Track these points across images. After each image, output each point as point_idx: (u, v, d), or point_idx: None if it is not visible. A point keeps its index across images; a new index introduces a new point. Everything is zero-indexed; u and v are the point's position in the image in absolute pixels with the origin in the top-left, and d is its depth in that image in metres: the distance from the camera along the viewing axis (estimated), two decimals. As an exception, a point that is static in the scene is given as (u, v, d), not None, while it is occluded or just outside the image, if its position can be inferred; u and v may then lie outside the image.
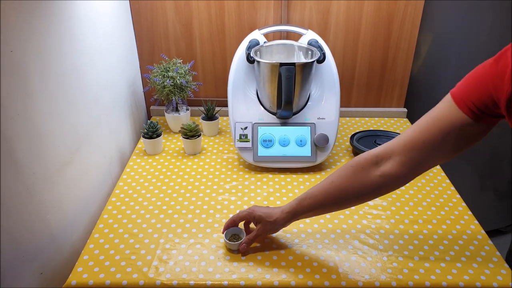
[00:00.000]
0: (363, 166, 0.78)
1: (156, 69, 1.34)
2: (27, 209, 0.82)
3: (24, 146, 0.79)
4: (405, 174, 0.76)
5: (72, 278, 0.86)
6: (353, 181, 0.79)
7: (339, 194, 0.81)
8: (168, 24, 1.41)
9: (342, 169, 0.82)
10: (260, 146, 1.21)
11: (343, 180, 0.81)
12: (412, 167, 0.75)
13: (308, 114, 1.23)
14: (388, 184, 0.78)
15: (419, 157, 0.74)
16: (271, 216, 0.88)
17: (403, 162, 0.75)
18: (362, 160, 0.79)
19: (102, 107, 1.15)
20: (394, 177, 0.76)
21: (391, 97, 1.56)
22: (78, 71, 1.00)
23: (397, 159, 0.75)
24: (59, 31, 0.91)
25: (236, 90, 1.24)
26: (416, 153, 0.73)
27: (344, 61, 1.48)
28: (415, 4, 1.37)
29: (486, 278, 0.86)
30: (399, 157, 0.75)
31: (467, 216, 1.05)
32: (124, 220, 1.02)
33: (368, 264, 0.90)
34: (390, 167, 0.76)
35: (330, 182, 0.82)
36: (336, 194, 0.82)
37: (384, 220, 1.03)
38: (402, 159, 0.75)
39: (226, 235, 0.93)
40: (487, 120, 0.68)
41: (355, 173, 0.79)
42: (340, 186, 0.81)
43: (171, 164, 1.26)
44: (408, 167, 0.75)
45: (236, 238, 0.94)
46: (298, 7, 1.38)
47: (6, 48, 0.73)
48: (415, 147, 0.73)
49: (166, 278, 0.86)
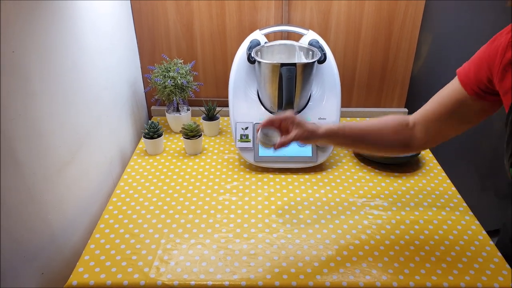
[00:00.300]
0: (401, 123, 0.88)
1: (157, 69, 1.34)
2: (27, 209, 0.82)
3: (24, 146, 0.79)
4: (425, 141, 0.87)
5: (73, 278, 0.86)
6: (392, 131, 0.89)
7: (376, 135, 0.90)
8: (169, 24, 1.41)
9: (385, 118, 0.90)
10: (261, 146, 1.21)
11: (384, 126, 0.89)
12: (432, 136, 0.86)
13: (309, 115, 1.23)
14: (414, 146, 0.89)
15: (435, 127, 0.84)
16: (311, 124, 0.88)
17: (424, 131, 0.86)
18: (401, 119, 0.89)
19: (102, 107, 1.15)
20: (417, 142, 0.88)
21: (392, 97, 1.56)
22: (79, 71, 1.00)
23: (419, 128, 0.87)
24: (60, 31, 0.91)
25: (237, 90, 1.24)
26: (432, 124, 0.84)
27: (344, 61, 1.48)
28: (415, 4, 1.37)
29: (487, 278, 0.86)
30: (420, 126, 0.86)
31: (468, 216, 1.05)
32: (125, 220, 1.02)
33: (369, 265, 0.89)
34: (415, 134, 0.87)
35: (372, 123, 0.90)
36: (375, 134, 0.90)
37: (385, 221, 1.03)
38: (423, 128, 0.86)
39: (260, 133, 0.89)
40: (489, 98, 0.75)
41: (395, 125, 0.89)
42: (380, 130, 0.89)
43: (172, 164, 1.26)
44: (428, 135, 0.86)
45: (269, 136, 0.89)
46: (299, 7, 1.38)
47: (7, 48, 0.73)
48: (430, 118, 0.84)
49: (167, 278, 0.86)
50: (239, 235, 0.98)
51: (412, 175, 1.22)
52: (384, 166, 1.25)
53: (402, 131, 0.88)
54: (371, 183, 1.18)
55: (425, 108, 0.85)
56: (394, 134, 0.88)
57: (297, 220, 1.03)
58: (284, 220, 1.03)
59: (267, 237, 0.97)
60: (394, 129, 0.88)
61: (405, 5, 1.37)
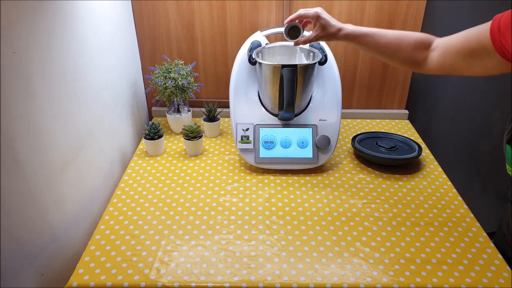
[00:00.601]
0: (424, 42, 0.90)
1: (158, 70, 1.34)
2: (28, 210, 0.82)
3: (25, 146, 0.79)
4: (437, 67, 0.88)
5: (73, 279, 0.86)
6: (412, 47, 0.90)
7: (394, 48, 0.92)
8: (170, 25, 1.41)
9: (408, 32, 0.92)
10: (262, 148, 1.21)
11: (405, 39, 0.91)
12: (445, 65, 0.87)
13: (310, 116, 1.23)
14: (425, 68, 0.91)
15: (451, 58, 0.84)
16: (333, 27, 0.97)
17: (440, 57, 0.87)
18: (425, 37, 0.90)
19: (103, 107, 1.15)
20: (430, 66, 0.89)
21: (393, 98, 1.56)
22: (80, 71, 1.00)
23: (437, 52, 0.87)
24: (61, 31, 0.91)
25: (238, 91, 1.24)
26: (449, 54, 0.84)
27: (345, 62, 1.48)
28: (416, 4, 1.37)
29: (488, 280, 0.86)
30: (440, 51, 0.87)
31: (469, 218, 1.05)
32: (125, 221, 1.02)
33: (370, 267, 0.89)
34: (431, 57, 0.89)
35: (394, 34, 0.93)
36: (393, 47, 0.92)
37: (386, 223, 1.03)
38: (441, 54, 0.87)
39: (286, 26, 1.03)
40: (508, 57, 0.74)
41: (417, 41, 0.90)
42: (399, 44, 0.92)
43: (173, 165, 1.26)
44: (442, 62, 0.87)
45: (294, 31, 1.04)
46: (300, 9, 1.38)
47: (8, 49, 0.73)
48: (451, 49, 0.84)
49: (167, 280, 0.85)
50: (239, 237, 0.97)
51: (413, 176, 1.21)
52: (384, 168, 1.25)
53: (421, 49, 0.90)
54: (371, 184, 1.18)
55: (451, 38, 0.85)
56: (412, 50, 0.90)
57: (297, 222, 1.03)
58: (285, 222, 1.03)
59: (267, 238, 0.97)
60: (414, 45, 0.90)
61: (406, 6, 1.37)
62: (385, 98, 1.56)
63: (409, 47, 0.91)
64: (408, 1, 1.36)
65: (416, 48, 0.90)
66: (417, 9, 1.38)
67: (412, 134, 1.45)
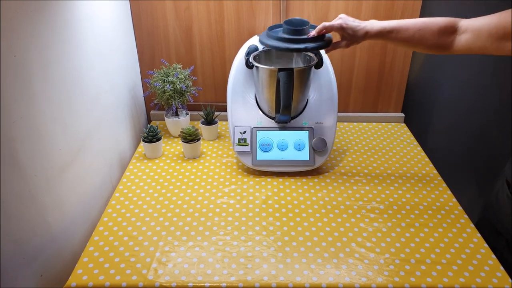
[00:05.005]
0: (445, 28, 0.91)
1: (156, 74, 1.36)
2: (28, 211, 0.83)
3: (25, 148, 0.80)
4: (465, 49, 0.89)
5: (72, 280, 0.87)
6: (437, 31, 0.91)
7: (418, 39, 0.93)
8: (169, 29, 1.43)
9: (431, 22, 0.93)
10: (259, 150, 1.22)
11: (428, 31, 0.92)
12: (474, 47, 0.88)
13: (306, 119, 1.25)
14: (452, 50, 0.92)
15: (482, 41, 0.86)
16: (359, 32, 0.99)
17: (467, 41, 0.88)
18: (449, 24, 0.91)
19: (102, 110, 1.17)
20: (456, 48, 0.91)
21: (389, 102, 1.57)
22: (80, 74, 1.02)
23: (465, 37, 0.89)
24: (61, 35, 0.93)
25: (235, 95, 1.26)
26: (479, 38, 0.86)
27: (341, 66, 1.49)
28: (412, 4, 1.37)
29: (482, 280, 0.87)
30: (468, 35, 0.88)
31: (463, 219, 1.06)
32: (123, 222, 1.03)
33: (365, 267, 0.90)
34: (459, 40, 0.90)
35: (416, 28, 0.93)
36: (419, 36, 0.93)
37: (381, 224, 1.04)
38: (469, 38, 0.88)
39: None
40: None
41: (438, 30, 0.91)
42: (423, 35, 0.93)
43: (171, 168, 1.27)
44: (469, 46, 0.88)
45: None
46: (297, 14, 1.40)
47: (9, 52, 0.74)
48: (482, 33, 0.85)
49: (165, 280, 0.86)
50: (236, 238, 0.99)
51: (408, 178, 1.23)
52: (380, 169, 1.26)
53: (446, 34, 0.91)
54: (367, 186, 1.19)
55: (482, 21, 0.86)
56: (437, 37, 0.92)
57: (294, 223, 1.04)
58: (281, 223, 1.04)
59: (264, 239, 0.98)
60: (438, 32, 0.91)
61: (402, 6, 1.38)
62: (381, 101, 1.57)
63: (434, 36, 0.92)
64: (404, 1, 1.38)
65: (441, 34, 0.91)
66: (413, 10, 1.39)
67: (408, 137, 1.46)
